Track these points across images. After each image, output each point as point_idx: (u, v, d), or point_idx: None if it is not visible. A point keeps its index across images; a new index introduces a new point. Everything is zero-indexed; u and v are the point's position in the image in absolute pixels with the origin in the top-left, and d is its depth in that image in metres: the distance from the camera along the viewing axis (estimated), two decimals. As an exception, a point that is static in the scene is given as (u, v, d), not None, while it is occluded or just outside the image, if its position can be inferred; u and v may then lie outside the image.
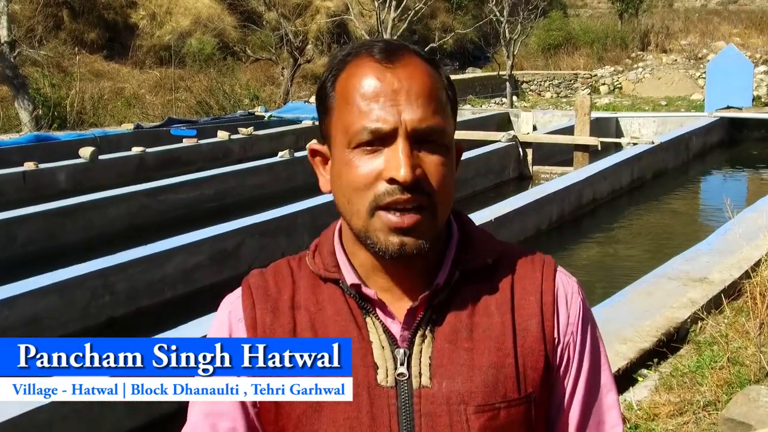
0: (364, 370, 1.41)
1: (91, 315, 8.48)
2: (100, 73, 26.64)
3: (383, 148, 1.36)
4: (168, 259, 9.39)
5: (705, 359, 5.82)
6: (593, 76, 33.17)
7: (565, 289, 1.51)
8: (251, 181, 14.49)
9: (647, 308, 6.86)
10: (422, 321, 1.43)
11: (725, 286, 7.34)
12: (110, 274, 8.73)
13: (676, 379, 5.58)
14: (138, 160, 15.30)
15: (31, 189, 13.31)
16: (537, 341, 1.45)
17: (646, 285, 7.64)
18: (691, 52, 35.15)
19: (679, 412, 5.11)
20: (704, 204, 16.71)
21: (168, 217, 12.38)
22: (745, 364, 5.59)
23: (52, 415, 5.71)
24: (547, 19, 37.91)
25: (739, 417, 4.68)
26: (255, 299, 1.50)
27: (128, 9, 30.59)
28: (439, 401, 1.40)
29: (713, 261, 8.23)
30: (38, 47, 22.45)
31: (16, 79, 19.95)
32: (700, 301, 6.96)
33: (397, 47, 1.41)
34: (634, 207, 14.83)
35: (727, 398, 5.08)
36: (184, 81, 26.81)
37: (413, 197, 1.34)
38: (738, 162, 20.84)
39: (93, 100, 22.98)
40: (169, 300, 9.18)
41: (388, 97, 1.35)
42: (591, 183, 14.00)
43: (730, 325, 6.37)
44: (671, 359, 6.08)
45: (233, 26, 31.73)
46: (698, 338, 6.35)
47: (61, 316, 8.19)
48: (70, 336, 8.08)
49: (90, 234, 11.48)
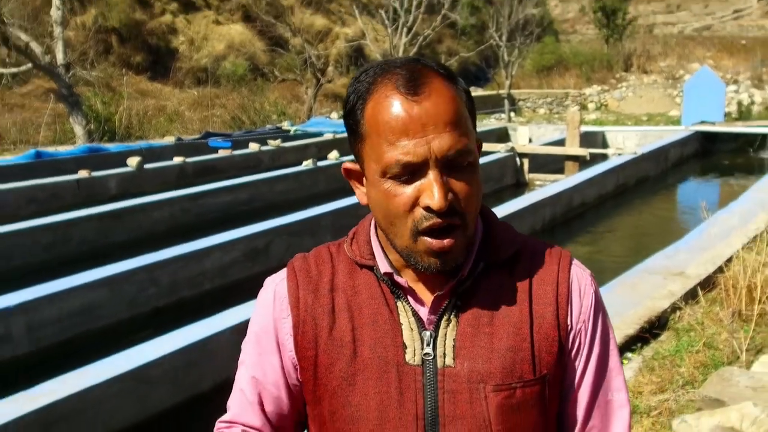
0: (394, 349, 1.42)
1: (138, 305, 8.50)
2: (145, 92, 26.73)
3: (415, 177, 1.32)
4: (206, 256, 9.41)
5: (683, 344, 5.82)
6: (582, 94, 33.15)
7: (579, 281, 1.50)
8: (279, 187, 14.49)
9: (631, 299, 6.85)
10: (448, 307, 1.42)
11: (701, 280, 7.31)
12: (155, 269, 8.75)
13: (658, 362, 5.57)
14: (179, 169, 15.32)
15: (85, 194, 13.35)
16: (552, 328, 1.44)
17: (630, 279, 7.63)
18: (669, 73, 35.12)
19: (661, 390, 5.11)
20: (681, 207, 16.67)
21: (206, 219, 12.40)
22: (719, 348, 5.58)
23: (105, 392, 5.74)
24: (541, 43, 37.93)
25: (714, 395, 4.68)
26: (299, 281, 1.50)
27: (170, 35, 30.66)
28: (461, 380, 1.40)
29: (690, 257, 8.21)
30: (90, 69, 22.51)
31: (71, 97, 20.01)
32: (679, 293, 6.94)
33: (420, 75, 1.34)
34: (618, 210, 14.77)
35: (703, 378, 5.08)
36: (219, 99, 26.84)
37: (448, 220, 1.32)
38: (711, 171, 20.77)
39: (139, 115, 23.02)
40: (207, 291, 9.19)
41: (417, 130, 1.30)
42: (580, 189, 13.97)
43: (705, 313, 6.36)
44: (653, 344, 6.07)
45: (262, 50, 31.78)
46: (677, 325, 6.34)
47: (111, 306, 8.19)
48: (118, 324, 8.15)
49: (137, 234, 11.50)
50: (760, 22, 67.45)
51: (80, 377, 5.74)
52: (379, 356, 1.42)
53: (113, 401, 5.80)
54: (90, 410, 5.65)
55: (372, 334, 1.43)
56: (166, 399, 6.23)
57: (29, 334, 7.34)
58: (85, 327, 7.87)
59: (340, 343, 1.44)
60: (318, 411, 1.49)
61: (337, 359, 1.44)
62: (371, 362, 1.42)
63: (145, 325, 8.04)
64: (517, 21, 30.28)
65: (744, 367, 5.16)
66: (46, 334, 7.49)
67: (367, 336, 1.43)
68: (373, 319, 1.44)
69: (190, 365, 6.38)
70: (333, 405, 1.44)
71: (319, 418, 1.49)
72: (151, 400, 6.10)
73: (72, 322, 7.76)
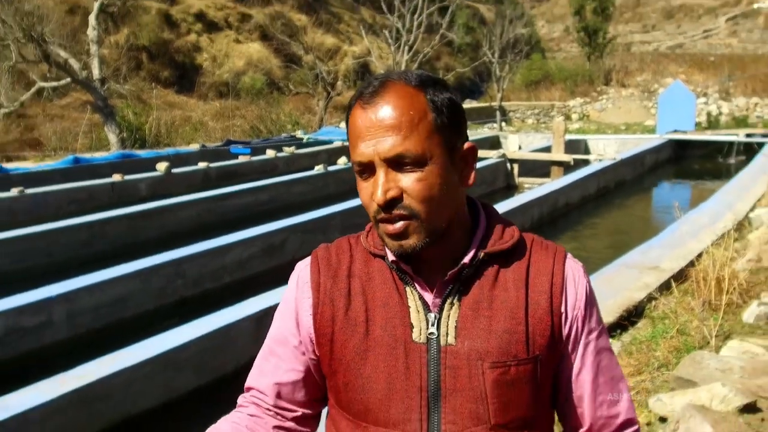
0: (402, 328, 1.44)
1: (166, 295, 8.51)
2: (172, 104, 26.77)
3: (371, 175, 1.39)
4: (228, 251, 9.42)
5: (658, 331, 5.81)
6: (566, 106, 33.16)
7: (573, 273, 1.51)
8: (293, 189, 14.50)
9: (611, 290, 6.84)
10: (451, 292, 1.45)
11: (674, 273, 7.30)
12: (181, 263, 8.76)
13: (635, 346, 5.57)
14: (203, 173, 15.33)
15: (118, 196, 13.37)
16: (546, 314, 1.45)
17: (610, 272, 7.62)
18: (645, 87, 35.15)
19: (638, 372, 5.10)
20: (656, 208, 16.65)
21: (227, 218, 12.40)
22: (691, 334, 5.57)
23: (136, 374, 5.75)
24: (530, 60, 38.03)
25: (687, 376, 4.67)
26: (320, 267, 1.54)
27: (194, 52, 30.72)
28: (461, 357, 1.42)
29: (664, 253, 8.20)
30: (123, 83, 22.54)
31: (106, 108, 20.05)
32: (654, 285, 6.93)
33: (380, 87, 1.39)
34: (599, 211, 14.76)
35: (676, 361, 5.07)
36: (239, 110, 26.87)
37: (394, 213, 1.37)
38: (683, 175, 20.77)
39: (167, 125, 23.05)
40: (228, 283, 9.20)
41: (367, 132, 1.37)
42: (565, 191, 13.96)
43: (678, 303, 6.35)
44: (631, 331, 6.06)
45: (278, 66, 31.81)
46: (652, 314, 6.33)
47: (142, 297, 8.21)
48: (148, 313, 8.16)
49: (165, 231, 11.51)
50: (727, 41, 67.37)
51: (114, 360, 5.75)
52: (389, 334, 1.44)
53: (144, 382, 5.81)
54: (123, 390, 5.66)
55: (383, 315, 1.46)
56: (191, 381, 6.24)
57: (69, 321, 7.36)
58: (118, 315, 7.89)
59: (354, 323, 1.47)
60: (334, 382, 1.51)
61: (351, 336, 1.46)
62: (382, 340, 1.44)
63: (172, 313, 8.05)
64: (508, 40, 30.32)
65: (713, 351, 5.15)
66: (83, 321, 7.51)
67: (378, 316, 1.46)
68: (384, 302, 1.46)
69: (213, 350, 6.39)
70: (347, 377, 1.47)
71: (335, 389, 1.51)
72: (177, 382, 6.11)
73: (107, 310, 7.78)
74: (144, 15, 28.52)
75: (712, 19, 77.33)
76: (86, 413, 5.41)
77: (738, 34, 70.21)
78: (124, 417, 5.68)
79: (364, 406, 1.45)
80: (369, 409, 1.45)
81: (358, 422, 1.46)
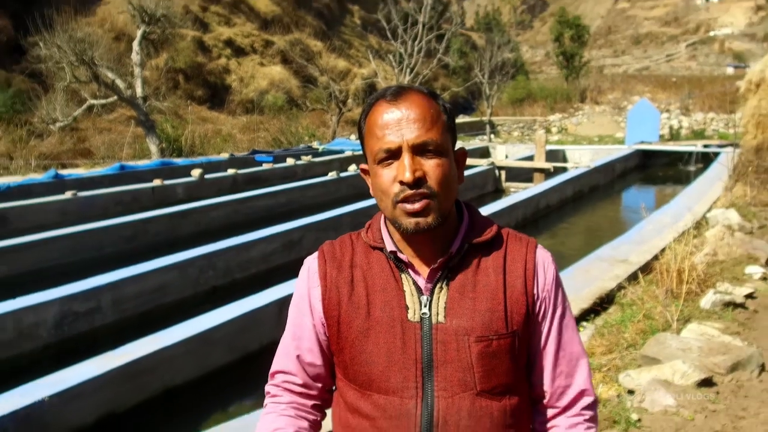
0: (398, 310, 1.47)
1: (199, 284, 8.52)
2: (205, 119, 26.77)
3: (395, 160, 1.42)
4: (253, 246, 9.43)
5: (627, 315, 5.81)
6: (547, 120, 33.09)
7: (543, 260, 1.55)
8: (310, 193, 14.51)
9: (586, 281, 6.85)
10: (440, 277, 1.48)
11: (640, 265, 7.31)
12: (213, 256, 8.77)
13: (607, 329, 5.57)
14: (232, 179, 15.34)
15: (158, 198, 13.39)
16: (521, 295, 1.49)
17: (585, 265, 7.62)
18: (615, 104, 35.12)
19: (609, 351, 5.11)
20: (625, 209, 16.61)
21: (253, 218, 12.42)
22: (655, 318, 5.58)
23: (174, 352, 5.77)
24: (515, 81, 37.96)
25: (652, 354, 4.67)
26: (326, 260, 1.57)
27: (224, 74, 30.71)
28: (450, 333, 1.45)
29: (632, 248, 8.20)
30: (162, 101, 22.50)
31: (147, 122, 20.07)
32: (623, 276, 6.94)
33: (403, 88, 1.46)
34: (575, 211, 14.75)
35: (642, 342, 5.07)
36: (263, 124, 26.86)
37: (417, 192, 1.40)
38: (648, 180, 20.72)
39: (200, 137, 23.04)
40: (253, 274, 9.20)
41: (394, 124, 1.41)
42: (545, 194, 13.94)
43: (644, 291, 6.35)
44: (603, 315, 6.07)
45: (297, 86, 31.79)
46: (622, 301, 6.34)
47: (179, 285, 8.23)
48: (184, 299, 8.17)
49: (199, 229, 11.53)
50: (687, 64, 67.24)
51: (155, 341, 5.77)
52: (388, 315, 1.47)
53: (182, 358, 5.83)
54: (162, 366, 5.68)
55: (382, 299, 1.49)
56: (222, 357, 6.26)
57: (115, 307, 7.38)
58: (158, 301, 7.90)
59: (357, 306, 1.50)
60: (341, 358, 1.54)
61: (355, 318, 1.50)
62: (381, 320, 1.47)
63: (205, 300, 8.06)
64: (496, 63, 30.26)
65: (675, 333, 5.16)
66: (128, 307, 7.53)
67: (378, 300, 1.49)
68: (382, 287, 1.50)
69: (241, 331, 6.40)
70: (352, 352, 1.50)
71: (343, 363, 1.54)
72: (210, 359, 6.13)
73: (148, 297, 7.80)
74: (181, 41, 28.52)
75: (674, 45, 77.20)
76: (132, 385, 5.43)
77: (696, 58, 70.09)
78: (165, 388, 5.71)
79: (367, 377, 1.48)
80: (372, 379, 1.47)
81: (363, 391, 1.49)
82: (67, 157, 19.52)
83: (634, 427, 3.84)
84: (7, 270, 8.80)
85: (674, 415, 3.91)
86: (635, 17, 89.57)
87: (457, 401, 1.44)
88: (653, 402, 4.07)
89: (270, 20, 35.21)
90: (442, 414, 1.43)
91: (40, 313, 6.64)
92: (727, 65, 60.78)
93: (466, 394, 1.44)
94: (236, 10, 34.21)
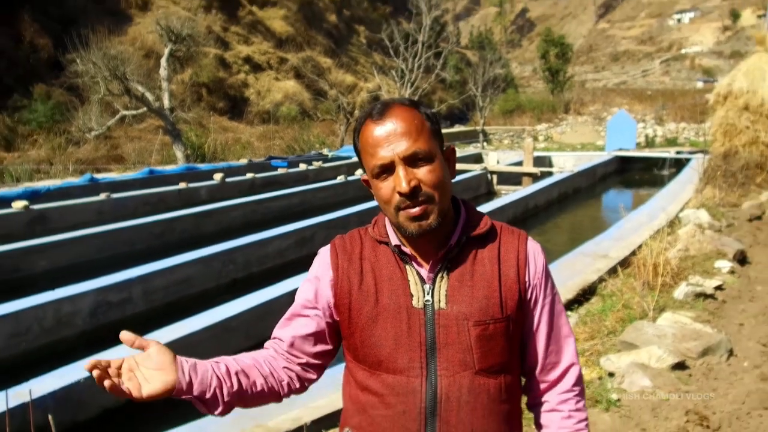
0: (404, 297, 1.47)
1: (221, 277, 8.52)
2: (226, 128, 26.79)
3: (391, 174, 1.42)
4: (269, 243, 9.43)
5: (607, 305, 5.80)
6: (534, 129, 33.00)
7: (533, 251, 1.55)
8: (320, 194, 14.51)
9: (570, 274, 6.83)
10: (441, 268, 1.48)
11: (620, 260, 7.29)
12: (233, 252, 8.77)
13: (589, 317, 5.55)
14: (250, 182, 15.35)
15: (184, 199, 13.40)
16: (514, 282, 1.50)
17: (569, 259, 7.60)
18: (596, 115, 35.01)
19: (591, 337, 5.09)
20: (605, 209, 16.58)
21: (269, 217, 12.42)
22: (633, 308, 5.56)
23: (198, 338, 5.77)
24: (506, 93, 37.94)
25: (630, 340, 4.66)
26: (338, 252, 1.57)
27: (243, 88, 30.76)
28: (451, 318, 1.45)
29: (612, 244, 8.18)
30: (187, 112, 22.52)
31: (174, 131, 20.10)
32: (604, 269, 6.92)
33: (386, 105, 1.45)
34: (560, 212, 14.73)
35: (621, 329, 5.06)
36: (278, 133, 26.86)
37: (415, 200, 1.41)
38: (626, 183, 20.67)
39: (221, 144, 23.05)
40: (270, 268, 9.20)
41: (383, 140, 1.41)
42: (534, 196, 13.92)
43: (623, 284, 6.34)
44: (586, 305, 6.05)
45: (308, 99, 31.81)
46: (603, 292, 6.32)
47: (202, 278, 8.24)
48: (207, 290, 8.17)
49: (220, 227, 11.54)
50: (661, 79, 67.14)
51: (181, 328, 5.77)
52: (394, 302, 1.47)
53: (204, 344, 5.82)
54: (187, 351, 5.64)
55: (389, 288, 1.49)
56: (241, 343, 6.24)
57: (144, 297, 7.38)
58: (183, 292, 7.91)
59: (366, 294, 1.50)
60: (352, 341, 1.54)
61: (364, 305, 1.50)
62: (389, 306, 1.48)
63: (226, 291, 8.07)
64: (489, 78, 30.20)
65: (651, 321, 5.14)
66: (156, 297, 7.54)
67: (385, 289, 1.49)
68: (389, 277, 1.50)
69: (258, 319, 6.40)
70: (362, 336, 1.50)
71: (353, 346, 1.54)
72: (230, 344, 6.12)
73: (175, 288, 7.81)
74: (204, 58, 28.53)
75: (649, 61, 77.06)
76: (159, 368, 5.42)
77: (669, 74, 69.96)
78: (188, 371, 5.69)
79: (376, 358, 1.48)
80: (380, 360, 1.48)
81: (373, 371, 1.50)
82: (102, 162, 19.55)
83: (615, 406, 3.82)
84: (48, 264, 8.82)
85: (651, 395, 3.89)
86: (614, 36, 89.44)
87: (458, 379, 1.45)
88: (632, 383, 4.05)
89: (284, 39, 35.24)
90: (444, 391, 1.45)
91: (77, 303, 6.65)
92: (697, 80, 60.67)
93: (466, 373, 1.45)
94: (254, 30, 34.26)
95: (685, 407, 3.66)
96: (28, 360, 6.00)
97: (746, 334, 4.89)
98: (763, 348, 4.54)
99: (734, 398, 3.74)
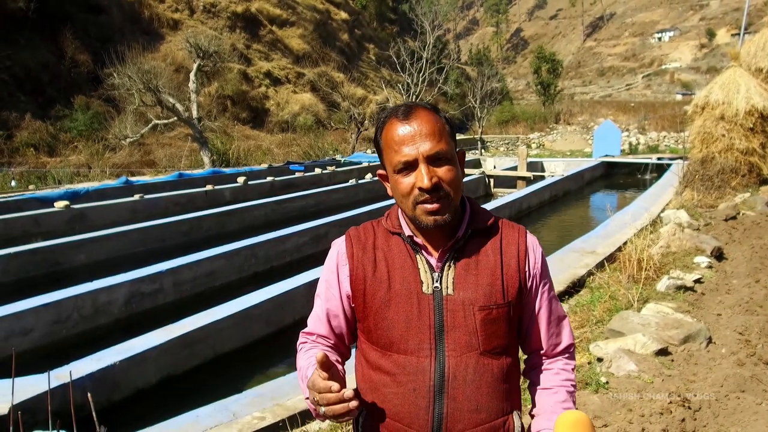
0: (415, 284, 1.47)
1: (243, 270, 8.53)
2: (248, 136, 26.83)
3: (413, 169, 1.40)
4: (288, 239, 9.42)
5: (595, 297, 5.75)
6: (528, 138, 32.97)
7: (532, 243, 1.57)
8: (334, 196, 14.51)
9: (561, 268, 6.79)
10: (449, 257, 1.49)
11: (606, 256, 7.24)
12: (255, 247, 8.77)
13: (579, 308, 5.52)
14: (270, 185, 15.36)
15: (210, 200, 13.43)
16: (515, 272, 1.50)
17: (560, 255, 7.56)
18: (584, 124, 34.88)
19: (581, 326, 5.06)
20: (593, 210, 16.46)
21: (288, 216, 12.43)
22: (619, 299, 5.52)
23: (223, 325, 5.76)
24: (502, 105, 37.83)
25: (617, 328, 4.62)
26: (353, 242, 1.56)
27: (264, 100, 30.77)
28: (458, 303, 1.45)
29: (599, 241, 8.13)
30: (213, 121, 22.61)
31: (201, 138, 20.15)
32: (592, 264, 6.88)
33: (410, 108, 1.43)
34: (552, 212, 14.67)
35: (609, 318, 5.02)
36: (295, 141, 26.89)
37: (434, 195, 1.40)
38: (612, 187, 20.55)
39: (244, 151, 23.11)
40: (288, 262, 9.20)
41: (408, 139, 1.39)
42: (527, 198, 13.87)
43: (609, 277, 6.29)
44: (575, 297, 6.01)
45: (323, 110, 31.82)
46: (591, 285, 6.28)
47: (226, 271, 8.24)
48: (231, 282, 8.17)
49: (243, 225, 11.55)
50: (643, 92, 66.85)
51: (207, 316, 5.77)
52: (406, 288, 1.47)
53: (228, 330, 5.82)
54: (213, 336, 5.67)
55: (401, 275, 1.49)
56: (262, 329, 6.25)
57: (174, 288, 7.39)
58: (210, 284, 7.91)
59: (380, 280, 1.49)
60: (365, 324, 1.53)
61: (378, 290, 1.49)
62: (401, 292, 1.47)
63: (248, 283, 8.06)
64: (486, 91, 30.14)
65: (636, 311, 5.09)
66: (185, 289, 7.54)
67: (398, 276, 1.49)
68: (401, 265, 1.49)
69: (278, 308, 6.39)
70: (376, 319, 1.49)
71: (367, 329, 1.53)
72: (252, 330, 6.12)
73: (202, 280, 7.81)
74: (228, 73, 28.58)
75: (633, 76, 76.71)
76: (188, 352, 5.43)
77: (651, 87, 69.63)
78: (215, 355, 5.70)
79: (389, 340, 1.48)
80: (392, 342, 1.47)
81: (385, 352, 1.49)
82: (136, 166, 19.61)
83: (603, 388, 3.78)
84: (86, 258, 8.84)
85: (636, 379, 3.85)
86: (600, 53, 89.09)
87: (464, 359, 1.45)
88: (619, 368, 4.02)
89: (301, 56, 35.26)
90: (452, 370, 1.44)
91: (113, 294, 6.66)
92: (676, 93, 60.34)
93: (471, 354, 1.45)
94: (274, 48, 34.28)
95: (668, 389, 3.62)
96: (68, 345, 6.02)
97: (723, 323, 4.84)
98: (740, 336, 4.48)
99: (713, 382, 3.69)
